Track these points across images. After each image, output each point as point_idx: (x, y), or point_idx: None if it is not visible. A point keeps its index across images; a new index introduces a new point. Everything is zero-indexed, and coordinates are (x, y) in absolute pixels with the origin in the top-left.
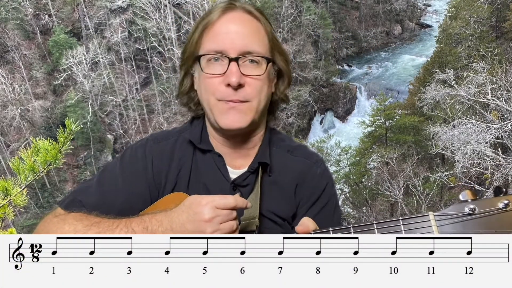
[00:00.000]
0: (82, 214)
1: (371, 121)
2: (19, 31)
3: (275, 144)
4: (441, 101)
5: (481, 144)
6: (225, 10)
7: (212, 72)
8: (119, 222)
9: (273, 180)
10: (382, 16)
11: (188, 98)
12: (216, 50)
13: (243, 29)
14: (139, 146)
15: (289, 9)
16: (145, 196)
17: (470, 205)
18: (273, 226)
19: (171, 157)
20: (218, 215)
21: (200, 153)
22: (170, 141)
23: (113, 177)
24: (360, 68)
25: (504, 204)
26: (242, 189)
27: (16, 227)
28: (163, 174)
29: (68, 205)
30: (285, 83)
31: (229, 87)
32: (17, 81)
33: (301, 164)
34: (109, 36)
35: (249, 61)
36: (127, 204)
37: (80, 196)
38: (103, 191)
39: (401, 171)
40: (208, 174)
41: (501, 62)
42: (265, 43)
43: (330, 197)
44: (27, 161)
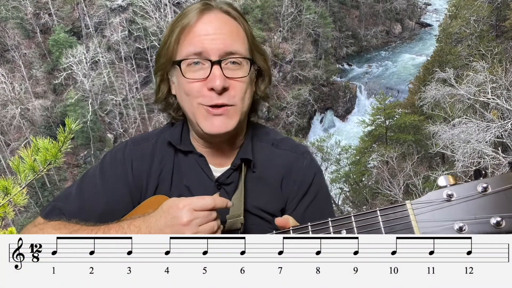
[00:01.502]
0: (60, 223)
1: (371, 120)
2: (19, 30)
3: (259, 139)
4: (441, 100)
5: (481, 143)
6: (202, 11)
7: (194, 76)
8: (97, 230)
9: (258, 176)
10: (382, 15)
11: (167, 104)
12: (196, 53)
13: (222, 30)
14: (118, 150)
15: (289, 8)
16: (127, 199)
17: (448, 191)
18: (262, 222)
19: (151, 159)
20: (196, 218)
21: (182, 154)
22: (150, 142)
23: (93, 182)
24: (360, 67)
25: (482, 188)
26: (226, 187)
27: (16, 226)
28: (144, 176)
29: (48, 214)
30: (265, 81)
31: (213, 91)
32: (17, 80)
33: (287, 157)
34: (109, 35)
35: (230, 63)
36: (108, 209)
37: (60, 204)
38: (83, 197)
39: (401, 170)
40: (191, 175)
41: (501, 61)
42: (245, 43)
43: (320, 188)
44: (27, 160)
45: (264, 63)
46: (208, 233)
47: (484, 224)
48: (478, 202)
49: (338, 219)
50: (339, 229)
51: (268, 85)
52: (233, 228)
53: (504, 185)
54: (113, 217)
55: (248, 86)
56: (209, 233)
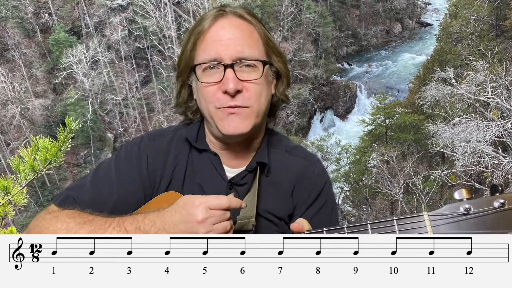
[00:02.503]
0: (75, 212)
1: (371, 120)
2: (19, 29)
3: (273, 145)
4: (441, 99)
5: (481, 142)
6: (216, 17)
7: (209, 80)
8: (111, 221)
9: (271, 180)
10: (382, 15)
11: (186, 108)
12: (210, 58)
13: (235, 35)
14: (134, 144)
15: (289, 7)
16: (139, 194)
17: (466, 205)
18: (270, 225)
19: (166, 154)
20: (211, 216)
21: (196, 152)
22: (166, 138)
23: (108, 174)
24: (360, 67)
25: (500, 204)
26: (238, 188)
27: (16, 225)
28: (158, 172)
29: (62, 202)
30: (284, 83)
31: (227, 94)
32: (17, 79)
33: (299, 164)
34: (109, 35)
35: (244, 66)
36: (121, 202)
37: (74, 193)
38: (97, 188)
39: (401, 170)
40: (204, 173)
41: (501, 60)
42: (260, 46)
43: (328, 197)
44: (27, 159)
45: (282, 65)
46: (221, 232)
47: None
48: (494, 218)
49: (355, 225)
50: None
51: (287, 87)
52: (244, 229)
53: None
54: (124, 211)
55: (264, 88)
56: (222, 232)
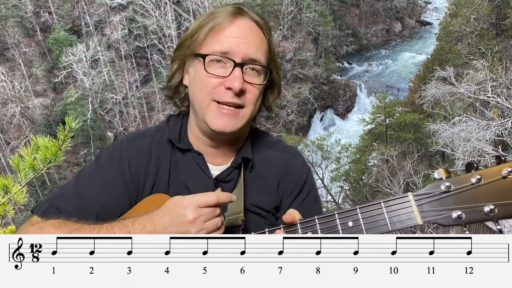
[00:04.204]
0: (60, 221)
1: (371, 119)
2: (19, 28)
3: (255, 141)
4: (441, 98)
5: (481, 141)
6: (235, 14)
7: (214, 73)
8: (100, 228)
9: (255, 175)
10: (382, 14)
11: (175, 92)
12: (222, 51)
13: (250, 36)
14: (114, 147)
15: (289, 6)
16: (124, 198)
17: (446, 183)
18: (258, 218)
19: (148, 156)
20: (202, 214)
21: (179, 152)
22: (147, 139)
23: (90, 181)
24: (360, 66)
25: (476, 179)
26: (224, 184)
27: (16, 224)
28: (141, 174)
29: (45, 213)
30: (274, 94)
31: (230, 91)
32: (17, 78)
33: (281, 157)
34: (109, 34)
35: (250, 69)
36: (106, 208)
37: (56, 203)
38: (80, 196)
39: (401, 169)
40: (189, 173)
41: (501, 59)
42: (267, 53)
43: (311, 187)
44: (27, 158)
45: (277, 76)
46: (213, 229)
47: (479, 212)
48: (472, 193)
49: (345, 211)
50: (346, 221)
51: (276, 98)
52: (234, 225)
53: (495, 176)
54: (110, 216)
55: (260, 94)
56: (214, 229)
